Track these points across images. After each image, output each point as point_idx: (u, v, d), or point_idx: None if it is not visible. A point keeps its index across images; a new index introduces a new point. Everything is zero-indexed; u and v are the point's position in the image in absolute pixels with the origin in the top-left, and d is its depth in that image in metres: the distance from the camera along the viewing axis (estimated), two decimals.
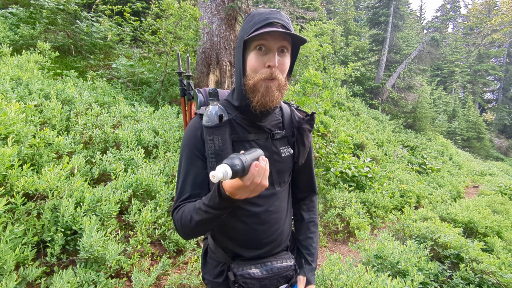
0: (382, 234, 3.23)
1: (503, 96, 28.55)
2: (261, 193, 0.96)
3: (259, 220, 0.97)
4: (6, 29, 4.36)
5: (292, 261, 1.02)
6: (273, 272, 0.97)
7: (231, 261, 1.00)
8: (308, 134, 1.05)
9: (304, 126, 1.03)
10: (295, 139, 1.04)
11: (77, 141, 2.70)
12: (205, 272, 1.08)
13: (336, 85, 8.55)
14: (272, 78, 0.87)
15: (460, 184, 9.41)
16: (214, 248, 1.05)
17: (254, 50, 0.87)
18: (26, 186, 1.79)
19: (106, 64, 5.15)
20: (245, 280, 0.93)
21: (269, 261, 0.99)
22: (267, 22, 0.85)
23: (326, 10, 20.45)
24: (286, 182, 1.05)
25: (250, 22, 0.88)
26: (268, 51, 0.87)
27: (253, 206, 0.96)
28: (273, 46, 0.86)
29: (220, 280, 1.01)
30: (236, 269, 0.95)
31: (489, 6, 30.47)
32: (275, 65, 0.86)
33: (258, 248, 1.00)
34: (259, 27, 0.84)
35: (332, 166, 5.31)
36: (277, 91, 0.89)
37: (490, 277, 2.66)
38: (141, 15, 6.29)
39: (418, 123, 14.85)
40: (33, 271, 1.60)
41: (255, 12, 0.90)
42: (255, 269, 0.95)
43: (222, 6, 5.29)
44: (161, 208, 2.51)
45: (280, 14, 0.88)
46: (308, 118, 1.05)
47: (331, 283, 2.18)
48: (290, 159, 1.04)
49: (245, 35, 0.86)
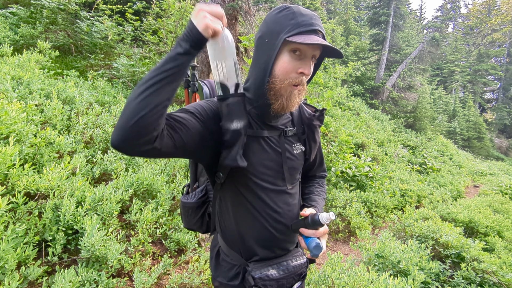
0: (383, 233, 3.23)
1: (503, 95, 28.54)
2: (274, 191, 0.96)
3: (273, 219, 0.96)
4: (6, 29, 4.36)
5: (305, 258, 1.03)
6: (289, 271, 0.96)
7: (246, 264, 0.98)
8: (318, 130, 1.06)
9: (315, 123, 1.03)
10: (305, 136, 1.04)
11: (78, 140, 2.70)
12: (218, 275, 1.04)
13: (336, 84, 8.55)
14: (299, 83, 0.86)
15: (461, 184, 9.41)
16: (227, 251, 1.03)
17: (289, 53, 0.83)
18: (27, 185, 1.79)
19: (106, 63, 5.15)
20: (264, 282, 0.92)
21: (284, 261, 0.98)
22: (312, 28, 0.81)
23: (326, 10, 20.45)
24: (297, 180, 1.05)
25: (291, 20, 0.81)
26: (303, 57, 0.83)
27: (266, 205, 0.95)
28: (309, 53, 0.84)
29: (236, 283, 0.98)
30: (254, 272, 0.93)
31: (489, 6, 30.45)
32: (309, 74, 0.85)
33: (273, 246, 0.99)
34: (304, 31, 0.80)
35: (332, 165, 5.31)
36: (297, 96, 0.88)
37: (491, 277, 2.66)
38: (142, 15, 6.29)
39: (418, 123, 14.84)
40: (34, 270, 1.60)
41: (295, 10, 0.83)
42: (272, 270, 0.94)
43: (222, 5, 5.29)
44: (162, 207, 2.51)
45: (320, 21, 0.85)
46: (318, 114, 1.04)
47: (332, 282, 2.18)
48: (302, 156, 1.04)
49: (286, 33, 0.80)
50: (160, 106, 0.68)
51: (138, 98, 0.67)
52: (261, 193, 0.94)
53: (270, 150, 0.95)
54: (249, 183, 0.93)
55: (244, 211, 0.96)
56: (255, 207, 0.95)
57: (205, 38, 0.72)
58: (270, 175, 0.95)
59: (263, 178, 0.94)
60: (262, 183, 0.94)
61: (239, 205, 0.96)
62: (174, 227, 2.56)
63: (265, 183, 0.95)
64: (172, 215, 2.64)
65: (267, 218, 0.96)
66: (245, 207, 0.95)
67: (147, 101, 0.67)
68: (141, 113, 0.65)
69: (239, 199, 0.95)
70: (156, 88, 0.68)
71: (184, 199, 1.13)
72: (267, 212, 0.96)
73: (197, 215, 1.11)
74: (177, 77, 0.71)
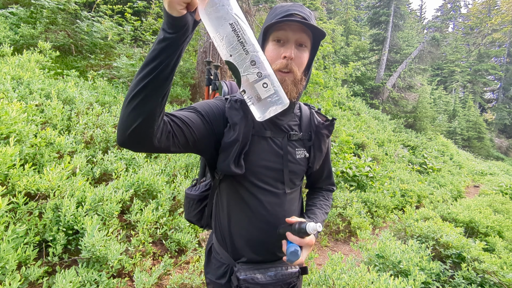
0: (383, 233, 3.23)
1: (503, 95, 28.52)
2: (271, 193, 0.95)
3: (266, 221, 0.95)
4: (6, 29, 4.36)
5: (297, 268, 0.99)
6: (277, 278, 0.94)
7: (234, 264, 0.97)
8: (326, 140, 1.04)
9: (323, 131, 1.01)
10: (312, 143, 1.02)
11: (78, 140, 2.70)
12: (208, 271, 1.06)
13: (336, 84, 8.55)
14: (288, 70, 0.86)
15: (461, 184, 9.40)
16: (218, 249, 1.03)
17: (272, 42, 0.87)
18: (27, 185, 1.79)
19: (106, 63, 5.15)
20: (248, 285, 0.90)
21: (273, 267, 0.96)
22: (287, 13, 0.85)
23: (327, 9, 20.42)
24: (296, 185, 1.03)
25: (272, 14, 0.89)
26: (285, 43, 0.87)
27: (261, 206, 0.94)
28: (291, 37, 0.86)
29: (223, 282, 0.99)
30: (240, 273, 0.92)
31: (489, 6, 30.43)
32: (291, 56, 0.84)
33: (262, 249, 0.97)
34: (280, 17, 0.84)
35: (333, 165, 5.31)
36: (292, 84, 0.87)
37: (492, 277, 2.66)
38: (142, 15, 6.28)
39: (418, 123, 14.83)
40: (35, 270, 1.60)
41: (278, 6, 0.90)
42: (259, 274, 0.92)
43: None
44: (162, 207, 2.51)
45: (302, 8, 0.88)
46: (328, 123, 1.03)
47: (333, 282, 2.18)
48: (305, 162, 1.01)
49: (265, 24, 0.88)
50: (152, 114, 0.65)
51: (128, 108, 0.63)
52: (257, 193, 0.93)
53: (272, 151, 0.94)
54: (246, 182, 0.93)
55: (238, 210, 0.96)
56: (250, 207, 0.94)
57: (174, 16, 0.58)
58: (269, 177, 0.94)
59: (262, 179, 0.93)
60: (260, 183, 0.93)
61: (234, 203, 0.96)
62: (174, 227, 2.56)
63: (263, 184, 0.94)
64: (173, 215, 2.63)
65: (260, 220, 0.95)
66: (240, 206, 0.95)
67: (138, 112, 0.63)
68: (134, 125, 0.64)
69: (235, 197, 0.96)
70: (144, 95, 0.62)
71: (188, 191, 1.14)
72: (261, 214, 0.94)
73: (198, 208, 1.12)
74: (164, 71, 0.62)
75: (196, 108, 0.86)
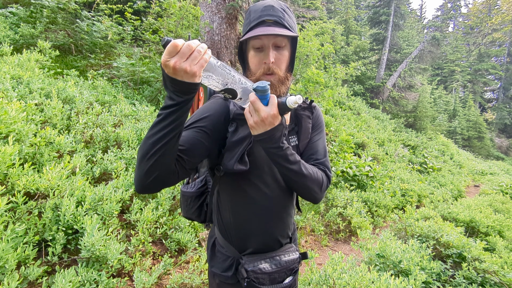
0: (384, 233, 3.23)
1: (504, 95, 28.50)
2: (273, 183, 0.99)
3: (269, 212, 1.00)
4: (6, 28, 4.35)
5: (297, 254, 1.05)
6: (281, 265, 0.99)
7: (240, 256, 1.01)
8: (308, 120, 1.05)
9: (302, 113, 1.05)
10: (297, 129, 1.06)
11: (78, 140, 2.69)
12: (213, 265, 1.08)
13: (337, 84, 8.54)
14: (271, 72, 0.92)
15: (461, 184, 9.40)
16: (223, 243, 1.06)
17: (253, 49, 0.94)
18: (27, 185, 1.78)
19: (106, 63, 5.14)
20: (257, 275, 0.95)
21: (277, 255, 1.01)
22: (259, 20, 0.90)
23: (327, 9, 20.40)
24: None
25: (247, 20, 0.95)
26: (263, 49, 0.92)
27: (264, 198, 0.98)
28: (267, 43, 0.91)
29: (230, 274, 1.02)
30: (247, 265, 0.96)
31: (489, 5, 30.40)
32: (270, 61, 0.91)
33: (267, 239, 1.02)
34: (253, 26, 0.91)
35: (333, 165, 5.30)
36: (278, 83, 0.94)
37: (492, 277, 2.65)
38: (142, 15, 6.27)
39: (418, 122, 14.83)
40: (34, 270, 1.59)
41: (251, 8, 0.95)
42: (265, 264, 0.97)
43: (222, 5, 5.28)
44: (162, 207, 2.50)
45: (273, 9, 0.91)
46: (306, 106, 1.07)
47: (334, 282, 2.17)
48: (296, 149, 1.05)
49: (242, 34, 0.94)
50: (170, 164, 0.78)
51: (149, 161, 0.74)
52: (260, 185, 0.97)
53: None
54: (249, 176, 0.96)
55: (242, 203, 0.99)
56: (253, 199, 0.98)
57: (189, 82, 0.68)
58: (270, 168, 0.98)
59: (264, 171, 0.98)
60: (262, 175, 0.98)
61: (237, 197, 0.99)
62: (174, 226, 2.55)
63: (265, 175, 0.98)
64: (173, 214, 2.63)
65: (263, 210, 0.99)
66: (243, 199, 0.98)
67: (157, 165, 0.75)
68: (154, 175, 0.76)
69: (238, 191, 0.99)
70: (163, 152, 0.74)
71: (184, 189, 1.15)
72: (264, 205, 0.98)
73: (196, 204, 1.14)
74: (177, 127, 0.74)
75: (196, 124, 0.90)
